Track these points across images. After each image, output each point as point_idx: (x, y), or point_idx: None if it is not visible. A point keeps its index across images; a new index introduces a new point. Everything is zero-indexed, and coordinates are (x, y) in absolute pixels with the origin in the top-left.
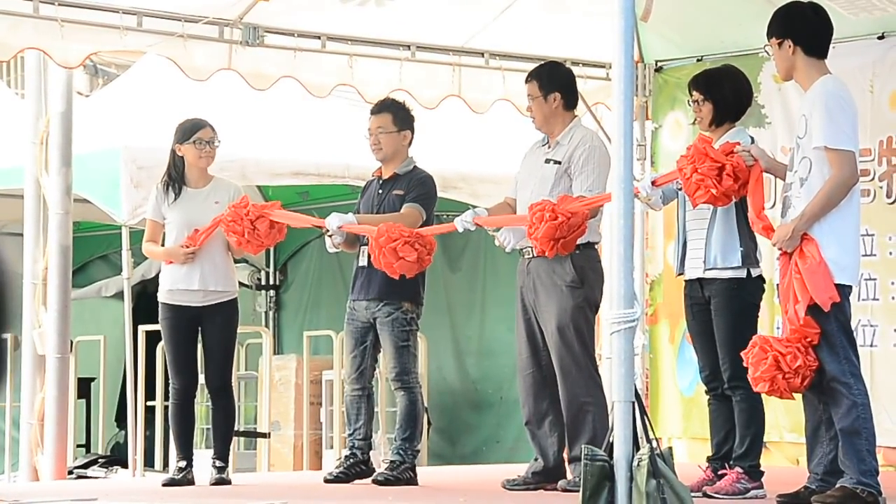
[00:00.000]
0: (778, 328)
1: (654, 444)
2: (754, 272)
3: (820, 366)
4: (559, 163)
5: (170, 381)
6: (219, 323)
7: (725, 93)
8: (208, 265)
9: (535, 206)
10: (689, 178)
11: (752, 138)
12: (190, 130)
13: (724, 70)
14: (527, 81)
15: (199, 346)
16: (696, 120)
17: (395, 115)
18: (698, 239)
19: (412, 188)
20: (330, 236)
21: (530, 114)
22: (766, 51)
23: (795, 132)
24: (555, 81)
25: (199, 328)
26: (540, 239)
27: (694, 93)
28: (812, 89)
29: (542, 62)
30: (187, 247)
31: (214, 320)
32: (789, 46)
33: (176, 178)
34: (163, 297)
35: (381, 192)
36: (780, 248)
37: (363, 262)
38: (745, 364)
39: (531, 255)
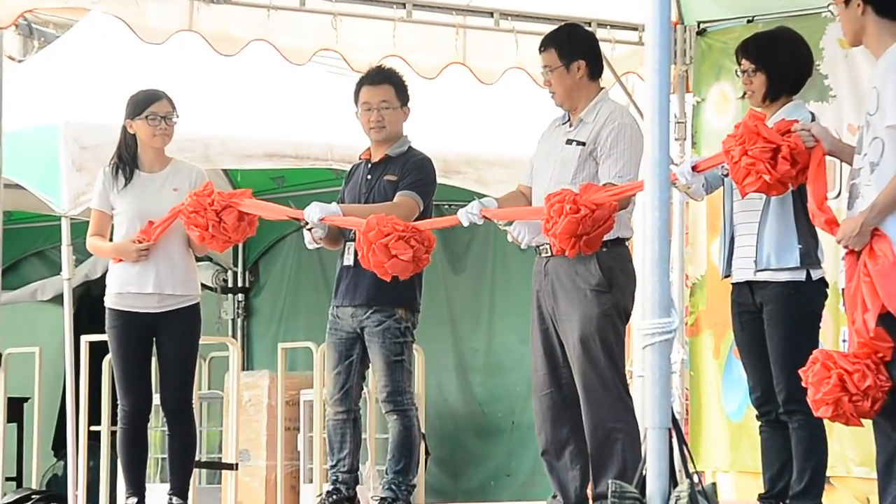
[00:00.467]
0: (844, 341)
1: (695, 478)
2: (815, 274)
3: (894, 386)
4: (583, 144)
5: (118, 402)
6: (177, 333)
7: (781, 61)
8: (165, 264)
9: (554, 197)
10: (738, 161)
11: (813, 115)
12: (143, 103)
13: (779, 34)
14: (542, 50)
15: (154, 360)
16: (745, 93)
17: (398, 87)
18: (748, 234)
19: (407, 173)
20: (309, 230)
21: (549, 88)
22: (830, 10)
23: (865, 108)
24: (577, 47)
25: (154, 339)
26: (559, 235)
27: (743, 61)
28: (885, 57)
29: (559, 26)
30: (140, 242)
31: (172, 330)
32: (858, 5)
33: (127, 160)
34: (111, 301)
35: (369, 177)
36: (846, 246)
37: (349, 260)
38: (803, 384)
39: (549, 254)
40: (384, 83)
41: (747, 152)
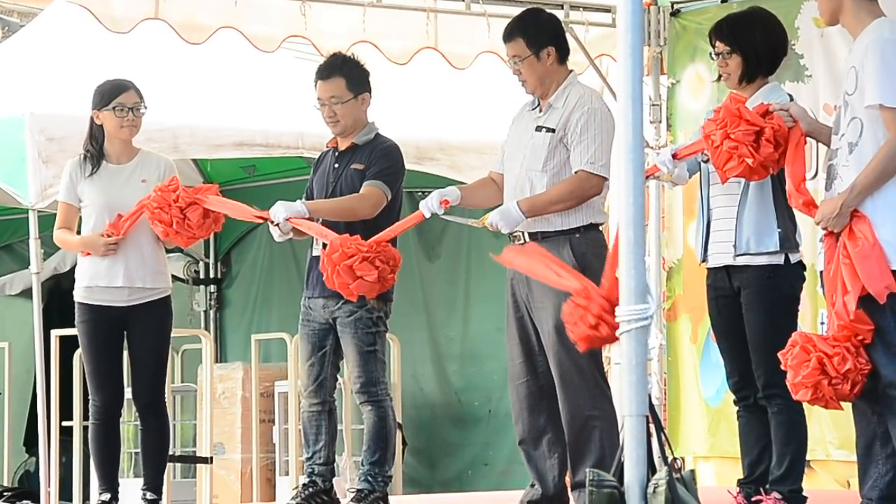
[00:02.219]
0: (822, 323)
1: (674, 465)
2: (793, 258)
3: (873, 369)
4: (553, 130)
5: (89, 397)
6: (148, 326)
7: (756, 42)
8: (135, 257)
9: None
10: (720, 146)
11: (791, 96)
12: (110, 94)
13: (753, 14)
14: (507, 40)
15: (125, 354)
16: (721, 76)
17: (349, 77)
18: (727, 219)
19: (373, 161)
20: (276, 226)
21: (519, 76)
22: None
23: (843, 87)
24: (544, 33)
25: (125, 333)
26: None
27: (718, 43)
28: (863, 36)
29: (521, 13)
30: (109, 235)
31: (143, 323)
32: None
33: (94, 151)
34: (80, 295)
35: (336, 166)
36: (824, 228)
37: (317, 251)
38: (782, 367)
39: (523, 241)
40: (333, 76)
41: (729, 136)
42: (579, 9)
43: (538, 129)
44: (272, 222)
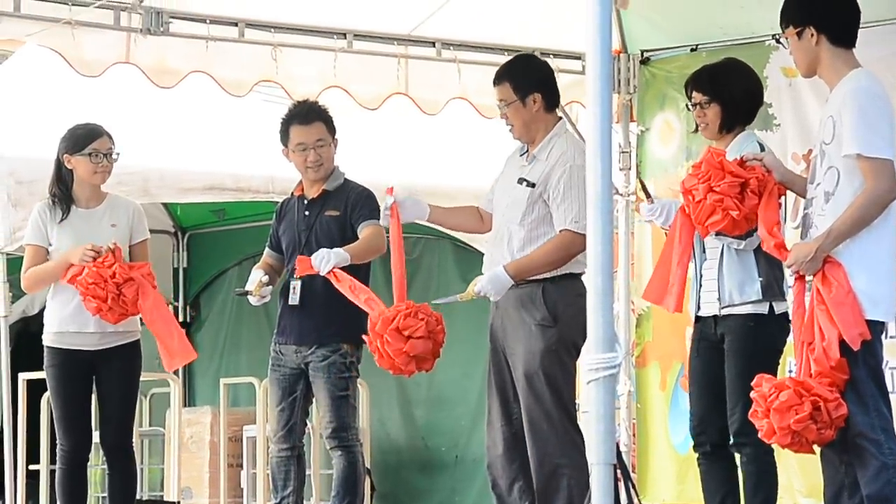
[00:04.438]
0: (790, 371)
1: None
2: (778, 308)
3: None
4: (533, 185)
5: (57, 441)
6: (117, 369)
7: (734, 91)
8: None
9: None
10: (703, 199)
11: (763, 145)
12: (84, 139)
13: (729, 65)
14: (495, 84)
15: (94, 397)
16: (698, 127)
17: (327, 122)
18: (711, 270)
19: (355, 206)
20: (252, 294)
21: (506, 121)
22: (775, 39)
23: (819, 137)
24: (532, 80)
25: (94, 376)
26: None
27: (695, 94)
28: (841, 86)
29: (512, 58)
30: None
31: (112, 366)
32: (812, 35)
33: (62, 195)
34: (49, 340)
35: (307, 213)
36: (795, 272)
37: (294, 300)
38: (759, 412)
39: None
40: (315, 121)
41: (713, 189)
42: (549, 55)
43: (520, 181)
44: (245, 293)
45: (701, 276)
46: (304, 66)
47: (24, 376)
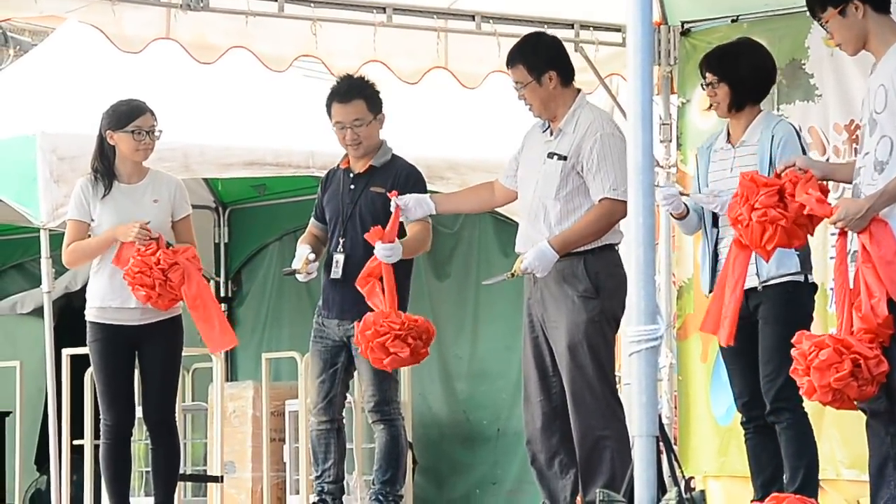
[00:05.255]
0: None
1: (684, 485)
2: (811, 277)
3: (889, 386)
4: (564, 158)
5: (101, 416)
6: (160, 344)
7: (742, 72)
8: None
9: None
10: (749, 222)
11: (791, 124)
12: (127, 116)
13: (739, 45)
14: (510, 67)
15: (137, 373)
16: (711, 105)
17: (368, 99)
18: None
19: (407, 192)
20: (300, 273)
21: (524, 101)
22: (822, 26)
23: (868, 106)
24: (544, 58)
25: (136, 352)
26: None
27: (707, 74)
28: (892, 53)
29: (522, 39)
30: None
31: (154, 341)
32: (856, 8)
33: (105, 170)
34: (92, 315)
35: (353, 187)
36: (842, 227)
37: (336, 273)
38: (799, 370)
39: None
40: (354, 98)
41: (754, 206)
42: (589, 28)
43: (550, 155)
44: (293, 272)
45: (717, 253)
46: (343, 41)
47: (67, 352)
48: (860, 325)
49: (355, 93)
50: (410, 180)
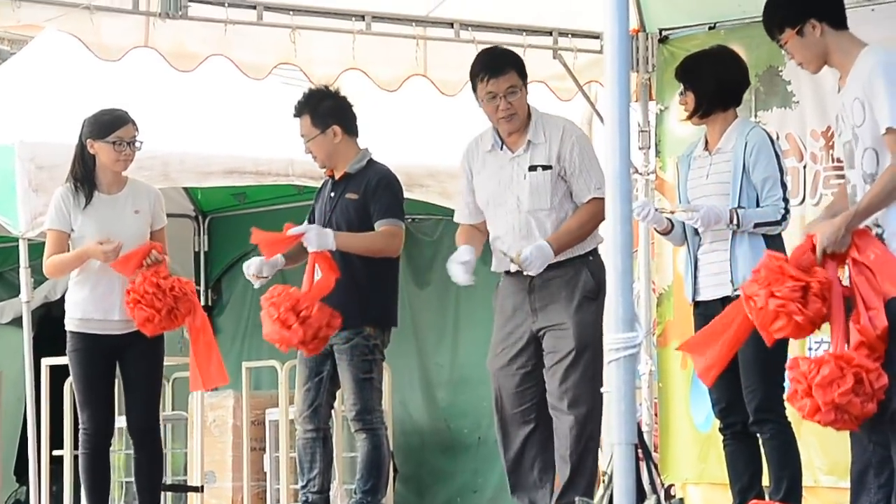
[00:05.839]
0: (810, 349)
1: (664, 492)
2: None
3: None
4: (549, 167)
5: (80, 426)
6: (143, 351)
7: (705, 80)
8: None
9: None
10: (764, 306)
11: (767, 133)
12: (109, 126)
13: (706, 54)
14: (501, 73)
15: (117, 382)
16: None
17: (313, 114)
18: (719, 251)
19: (374, 196)
20: (255, 276)
21: (508, 111)
22: (782, 48)
23: (848, 122)
24: (523, 68)
25: (118, 361)
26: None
27: (681, 83)
28: (859, 64)
29: (500, 48)
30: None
31: (137, 351)
32: (814, 27)
33: (85, 179)
34: (73, 325)
35: (332, 195)
36: (829, 252)
37: (317, 278)
38: (799, 391)
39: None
40: (302, 114)
41: (774, 294)
42: (568, 35)
43: (532, 168)
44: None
45: (697, 259)
46: (322, 49)
47: (47, 361)
48: (858, 337)
49: (301, 109)
50: (378, 187)
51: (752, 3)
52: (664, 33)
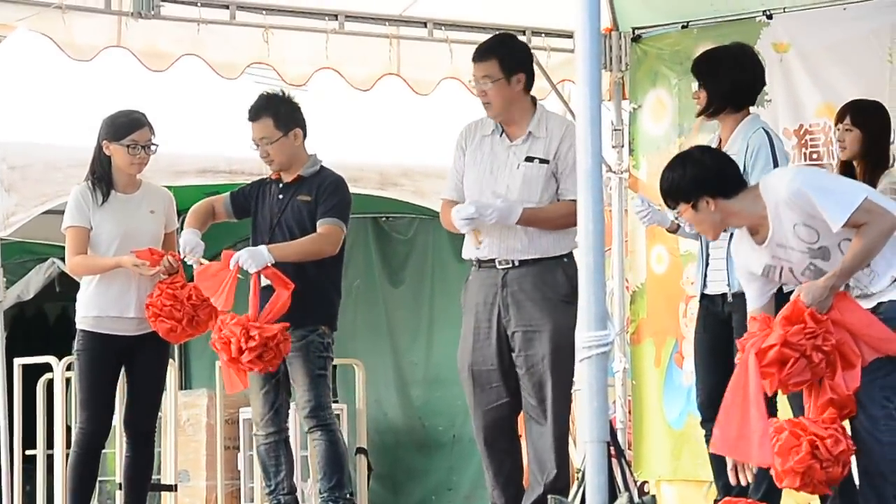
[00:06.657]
0: None
1: (637, 489)
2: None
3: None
4: (546, 161)
5: (78, 424)
6: (153, 355)
7: (720, 80)
8: (145, 287)
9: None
10: (776, 373)
11: (768, 131)
12: (125, 128)
13: (724, 51)
14: (481, 60)
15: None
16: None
17: (276, 116)
18: (721, 249)
19: (323, 196)
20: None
21: (483, 98)
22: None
23: (799, 248)
24: (518, 59)
25: (125, 362)
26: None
27: (696, 79)
28: (770, 198)
29: (496, 36)
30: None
31: (146, 351)
32: (707, 203)
33: (102, 178)
34: (86, 324)
35: (281, 196)
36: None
37: (265, 281)
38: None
39: (508, 266)
40: (261, 117)
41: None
42: (541, 34)
43: (529, 159)
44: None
45: (708, 254)
46: (295, 48)
47: (18, 361)
48: (829, 394)
49: (261, 111)
50: (329, 188)
51: (724, 2)
52: (637, 32)
